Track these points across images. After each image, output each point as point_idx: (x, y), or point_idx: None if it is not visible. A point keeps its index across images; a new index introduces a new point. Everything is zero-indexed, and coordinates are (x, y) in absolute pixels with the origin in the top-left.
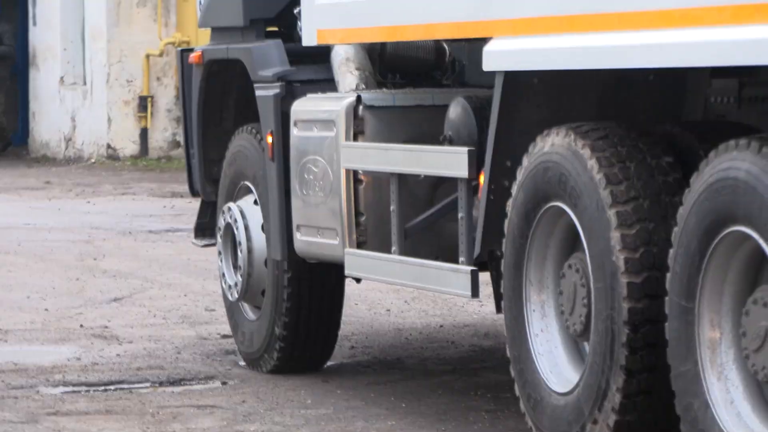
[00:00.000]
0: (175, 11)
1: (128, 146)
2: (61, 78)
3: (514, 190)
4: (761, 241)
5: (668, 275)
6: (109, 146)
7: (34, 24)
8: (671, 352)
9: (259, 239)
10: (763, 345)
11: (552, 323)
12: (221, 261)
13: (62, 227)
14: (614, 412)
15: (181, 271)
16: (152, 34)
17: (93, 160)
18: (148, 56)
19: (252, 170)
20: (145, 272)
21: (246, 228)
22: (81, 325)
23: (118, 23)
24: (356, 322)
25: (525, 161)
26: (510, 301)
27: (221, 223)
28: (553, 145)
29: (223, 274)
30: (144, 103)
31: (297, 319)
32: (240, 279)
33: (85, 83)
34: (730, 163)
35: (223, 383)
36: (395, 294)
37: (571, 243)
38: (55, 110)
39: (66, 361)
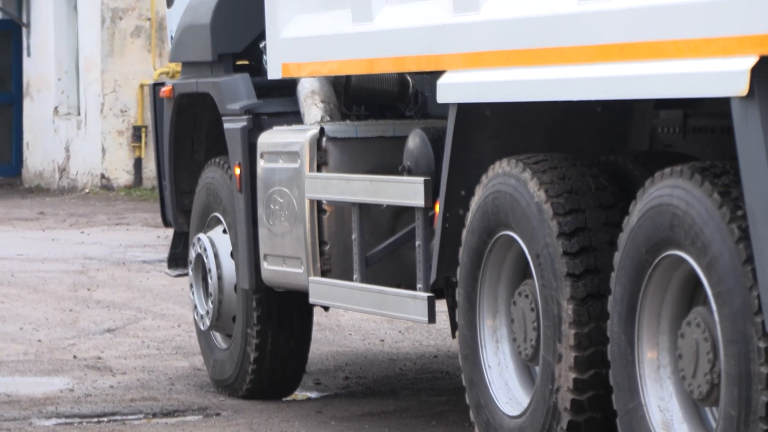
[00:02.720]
0: (168, 41)
1: (122, 176)
2: (56, 108)
3: (463, 234)
4: (695, 265)
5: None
6: (103, 176)
7: (29, 55)
8: None
9: (229, 269)
10: (697, 362)
11: (512, 379)
12: (192, 291)
13: (56, 258)
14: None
15: (175, 301)
16: (146, 65)
17: (87, 191)
18: (142, 86)
19: (221, 201)
20: (138, 303)
21: (216, 258)
22: (74, 356)
23: (112, 53)
24: (350, 352)
25: (469, 215)
26: (469, 370)
27: (192, 253)
28: (491, 179)
29: (195, 304)
30: (138, 133)
31: (267, 347)
32: (211, 308)
33: (79, 113)
34: (666, 189)
35: (217, 414)
36: (389, 324)
37: (521, 274)
38: (49, 140)
39: (59, 392)
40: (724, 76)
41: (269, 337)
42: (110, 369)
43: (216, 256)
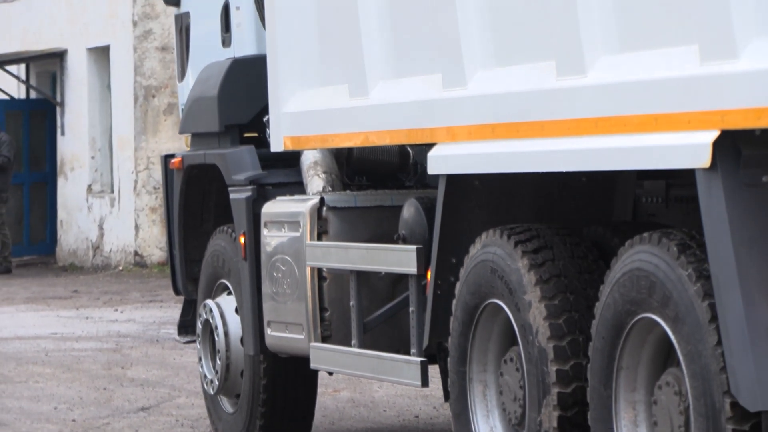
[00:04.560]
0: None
1: (155, 253)
2: (89, 186)
3: (454, 302)
4: (666, 327)
5: None
6: (136, 253)
7: (62, 134)
8: None
9: (236, 330)
10: (672, 423)
11: None
12: (200, 357)
13: (90, 336)
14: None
15: None
16: (179, 141)
17: (120, 268)
18: None
19: (228, 268)
20: (172, 381)
21: (223, 323)
22: None
23: (145, 131)
24: (385, 429)
25: (458, 283)
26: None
27: (200, 319)
28: (478, 248)
29: (203, 371)
30: None
31: (273, 411)
32: (219, 370)
33: (112, 191)
34: (638, 255)
35: None
36: (424, 400)
37: (509, 340)
38: (82, 218)
39: None
40: (689, 149)
41: (275, 401)
42: None
43: (223, 318)
